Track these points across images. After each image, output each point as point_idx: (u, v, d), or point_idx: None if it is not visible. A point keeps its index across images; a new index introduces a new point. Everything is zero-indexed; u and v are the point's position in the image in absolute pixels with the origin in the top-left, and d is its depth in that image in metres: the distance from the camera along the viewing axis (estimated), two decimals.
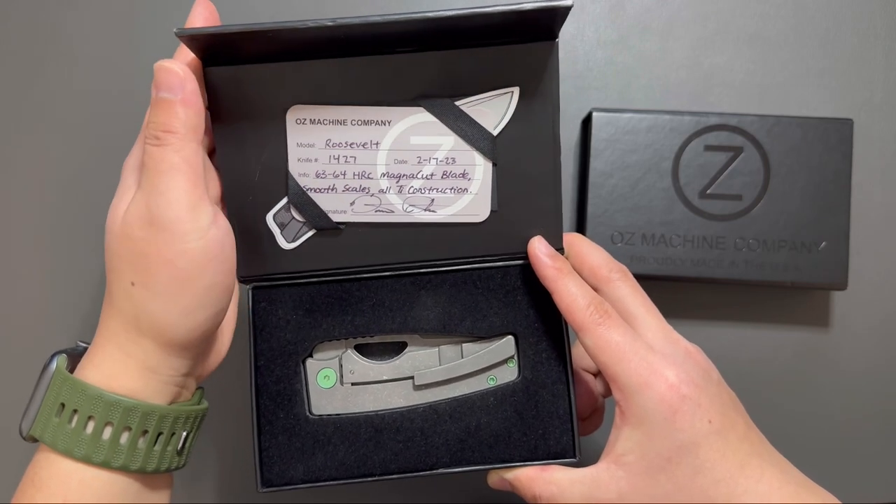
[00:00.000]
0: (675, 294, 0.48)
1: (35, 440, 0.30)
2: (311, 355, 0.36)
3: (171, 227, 0.28)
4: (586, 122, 0.47)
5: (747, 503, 0.29)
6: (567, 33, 0.50)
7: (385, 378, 0.36)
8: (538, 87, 0.33)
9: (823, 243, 0.44)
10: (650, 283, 0.47)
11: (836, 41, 0.49)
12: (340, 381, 0.35)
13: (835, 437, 0.48)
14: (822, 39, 0.49)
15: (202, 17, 0.32)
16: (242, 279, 0.35)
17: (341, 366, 0.36)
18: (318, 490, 0.35)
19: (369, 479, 0.34)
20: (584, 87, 0.49)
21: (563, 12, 0.30)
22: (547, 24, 0.32)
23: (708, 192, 0.45)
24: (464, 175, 0.34)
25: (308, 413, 0.35)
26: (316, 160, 0.34)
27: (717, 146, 0.45)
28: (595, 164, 0.45)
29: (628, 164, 0.45)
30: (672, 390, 0.30)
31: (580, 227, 0.46)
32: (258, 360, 0.35)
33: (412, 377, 0.36)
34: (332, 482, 0.34)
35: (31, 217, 0.49)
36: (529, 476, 0.33)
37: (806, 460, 0.48)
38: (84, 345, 0.31)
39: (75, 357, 0.31)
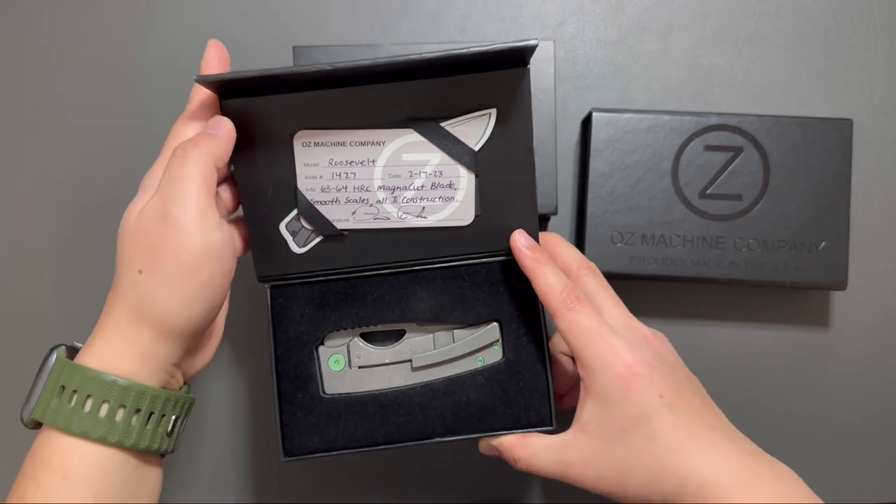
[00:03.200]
0: (675, 294, 0.48)
1: (37, 425, 0.33)
2: (322, 343, 0.40)
3: (180, 224, 0.32)
4: (586, 123, 0.47)
5: (695, 468, 0.32)
6: (567, 34, 0.50)
7: (387, 361, 0.40)
8: (513, 107, 0.37)
9: (823, 243, 0.44)
10: (650, 283, 0.47)
11: (835, 41, 0.49)
12: (349, 365, 0.40)
13: (834, 437, 0.48)
14: (821, 40, 0.49)
15: (216, 58, 0.38)
16: (261, 279, 0.39)
17: (349, 352, 0.40)
18: (332, 459, 0.39)
19: (376, 448, 0.39)
20: (583, 87, 0.49)
21: (530, 50, 0.35)
22: (518, 58, 0.36)
23: (708, 192, 0.45)
24: (450, 185, 0.38)
25: (322, 393, 0.39)
26: (321, 177, 0.38)
27: (716, 146, 0.45)
28: (595, 165, 0.45)
29: (628, 164, 0.45)
30: (627, 369, 0.34)
31: (580, 227, 0.46)
32: (277, 349, 0.39)
33: (410, 360, 0.40)
34: (344, 451, 0.39)
35: (30, 217, 0.49)
36: (511, 442, 0.38)
37: (805, 459, 0.48)
38: (79, 345, 0.34)
39: (71, 352, 0.34)
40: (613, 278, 0.45)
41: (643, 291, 0.48)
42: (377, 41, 0.49)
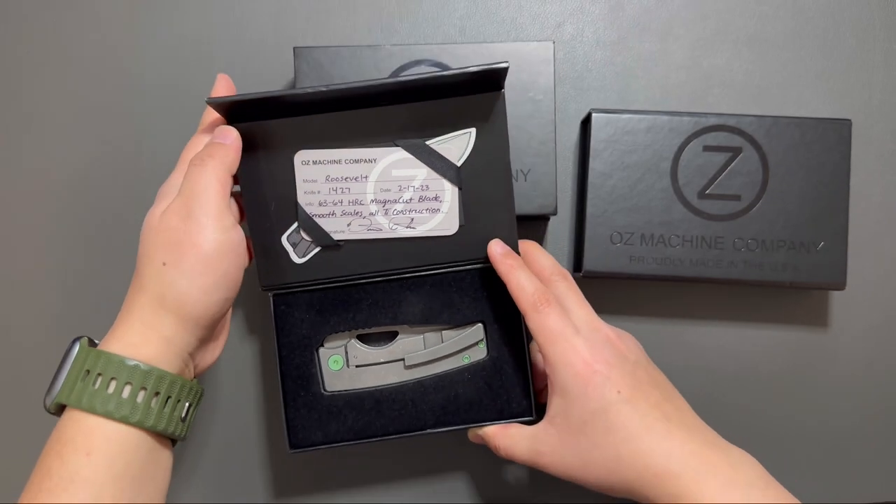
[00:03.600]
0: (674, 294, 0.49)
1: (60, 409, 0.35)
2: (322, 345, 0.43)
3: (203, 221, 0.36)
4: (585, 123, 0.47)
5: (652, 458, 0.34)
6: (567, 34, 0.50)
7: (382, 360, 0.43)
8: (490, 127, 0.41)
9: (822, 243, 0.45)
10: (649, 283, 0.48)
11: (834, 42, 0.49)
12: (347, 365, 0.43)
13: (833, 437, 0.48)
14: (820, 41, 0.49)
15: (224, 87, 0.41)
16: (265, 288, 0.42)
17: (347, 352, 0.43)
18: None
19: (373, 439, 0.42)
20: (583, 87, 0.49)
21: (503, 72, 0.38)
22: (494, 80, 0.39)
23: (707, 192, 0.45)
24: (436, 198, 0.42)
25: (323, 391, 0.43)
26: (319, 192, 0.41)
27: (715, 147, 0.45)
28: (594, 165, 0.45)
29: (627, 164, 0.45)
30: (586, 367, 0.36)
31: (580, 227, 0.46)
32: (281, 351, 0.42)
33: (403, 359, 0.43)
34: (344, 443, 0.42)
35: (33, 219, 0.49)
36: (494, 432, 0.41)
37: (805, 459, 0.48)
38: (96, 341, 0.37)
39: (91, 343, 0.37)
40: (613, 278, 0.45)
41: (642, 291, 0.48)
42: (377, 42, 0.50)
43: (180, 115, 0.49)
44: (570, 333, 0.37)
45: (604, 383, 0.36)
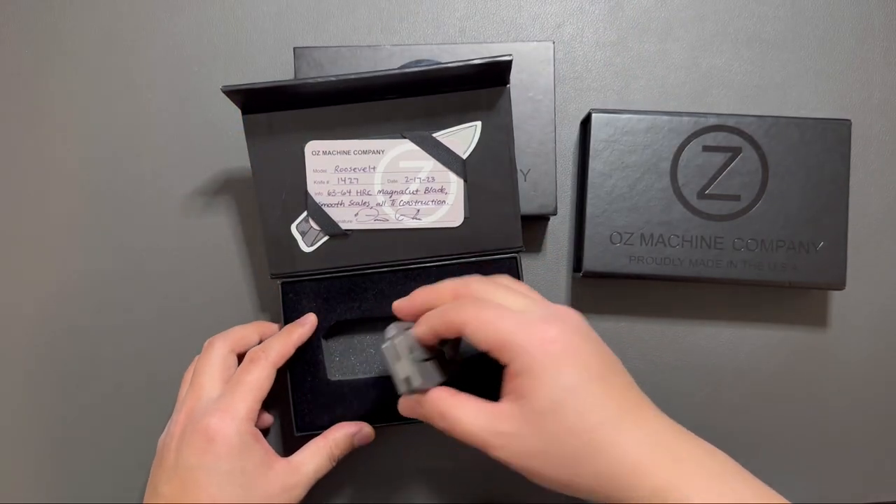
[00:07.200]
0: (674, 294, 0.49)
1: None
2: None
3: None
4: (585, 123, 0.47)
5: (629, 446, 0.31)
6: (566, 34, 0.50)
7: None
8: (496, 121, 0.42)
9: (821, 243, 0.45)
10: (649, 282, 0.48)
11: (834, 42, 0.49)
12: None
13: (833, 436, 0.48)
14: (820, 40, 0.50)
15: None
16: (273, 276, 0.43)
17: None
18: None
19: (375, 425, 0.43)
20: (583, 88, 0.49)
21: (507, 65, 0.39)
22: (499, 74, 0.41)
23: (706, 192, 0.45)
24: (442, 190, 0.43)
25: (329, 377, 0.44)
26: (328, 182, 0.43)
27: (715, 147, 0.45)
28: (594, 165, 0.45)
29: (627, 164, 0.45)
30: (551, 342, 0.32)
31: (579, 227, 0.46)
32: None
33: None
34: None
35: (34, 218, 0.49)
36: (440, 395, 0.35)
37: (804, 459, 0.48)
38: None
39: None
40: (612, 278, 0.45)
41: (642, 291, 0.48)
42: (377, 42, 0.50)
43: (180, 115, 0.49)
44: (513, 315, 0.33)
45: (573, 358, 0.32)
